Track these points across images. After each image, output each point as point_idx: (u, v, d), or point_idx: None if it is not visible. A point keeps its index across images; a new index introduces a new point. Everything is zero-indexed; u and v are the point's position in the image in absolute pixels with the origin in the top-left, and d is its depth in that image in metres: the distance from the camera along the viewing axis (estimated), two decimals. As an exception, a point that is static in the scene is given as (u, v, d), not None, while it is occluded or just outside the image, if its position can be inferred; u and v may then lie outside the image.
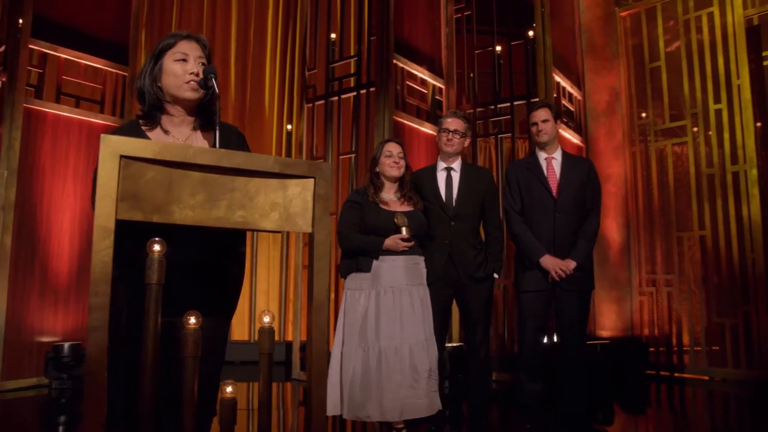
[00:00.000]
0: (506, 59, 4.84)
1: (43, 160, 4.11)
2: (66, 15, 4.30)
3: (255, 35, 6.43)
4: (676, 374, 4.65)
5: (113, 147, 1.06)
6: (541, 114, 2.90)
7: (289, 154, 6.17)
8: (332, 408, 2.60)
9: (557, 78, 4.75)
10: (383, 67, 4.35)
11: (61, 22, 4.26)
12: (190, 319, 1.17)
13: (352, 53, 4.76)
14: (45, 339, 4.06)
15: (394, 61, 4.43)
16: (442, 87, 4.98)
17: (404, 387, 2.51)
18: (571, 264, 2.77)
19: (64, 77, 4.27)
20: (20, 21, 4.02)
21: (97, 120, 4.37)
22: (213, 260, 1.59)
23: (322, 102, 4.76)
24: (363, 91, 4.53)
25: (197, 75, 1.55)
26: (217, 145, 1.66)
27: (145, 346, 1.10)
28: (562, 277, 2.76)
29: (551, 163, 2.92)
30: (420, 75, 4.75)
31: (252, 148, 6.32)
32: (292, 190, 1.24)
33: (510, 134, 4.74)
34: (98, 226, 1.04)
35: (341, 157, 4.62)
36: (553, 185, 2.87)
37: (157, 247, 1.14)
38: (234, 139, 1.69)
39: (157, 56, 1.58)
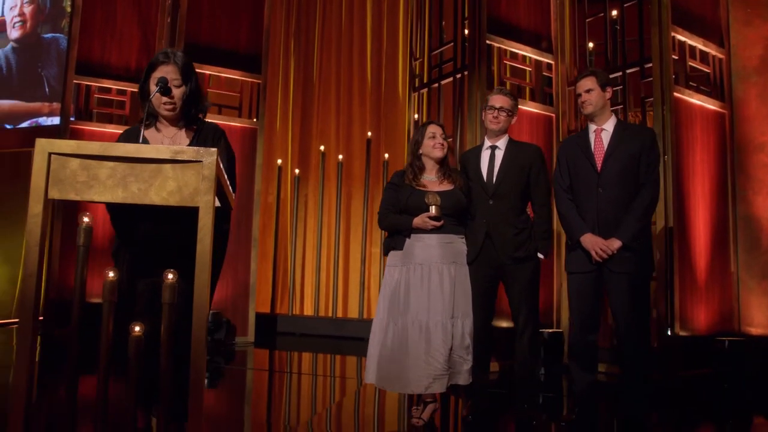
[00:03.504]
0: (620, 24, 4.41)
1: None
2: (210, 39, 5.17)
3: (388, 32, 6.78)
4: None
5: (44, 147, 1.47)
6: (585, 83, 2.70)
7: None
8: (370, 376, 2.81)
9: (681, 38, 4.18)
10: (475, 48, 4.34)
11: (207, 45, 5.14)
12: (108, 273, 1.53)
13: (450, 38, 4.81)
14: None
15: (489, 42, 4.38)
16: (551, 62, 4.74)
17: (425, 362, 2.60)
18: (615, 243, 2.54)
19: (208, 89, 5.13)
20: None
21: (235, 123, 5.16)
22: (193, 235, 1.94)
23: (425, 90, 4.91)
24: (459, 76, 4.57)
25: (171, 98, 1.94)
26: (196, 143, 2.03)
27: (74, 298, 1.49)
28: (603, 257, 2.55)
29: (599, 135, 2.70)
30: (521, 53, 4.60)
31: (387, 141, 6.69)
32: (187, 172, 1.52)
33: (622, 106, 4.31)
34: (32, 204, 1.45)
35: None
36: (599, 159, 2.65)
37: (85, 219, 1.52)
38: (210, 135, 2.04)
39: (147, 74, 1.99)
